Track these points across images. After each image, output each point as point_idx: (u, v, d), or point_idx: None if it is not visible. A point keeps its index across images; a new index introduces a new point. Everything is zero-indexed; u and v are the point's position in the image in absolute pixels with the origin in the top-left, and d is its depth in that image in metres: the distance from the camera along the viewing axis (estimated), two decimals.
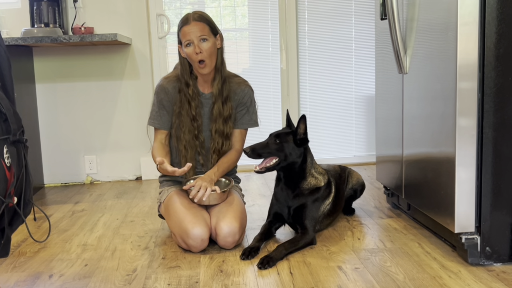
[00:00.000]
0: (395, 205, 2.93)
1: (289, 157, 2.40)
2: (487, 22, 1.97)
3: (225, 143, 2.52)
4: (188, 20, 2.39)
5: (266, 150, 2.39)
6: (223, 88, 2.48)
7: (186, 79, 2.47)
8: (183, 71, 2.47)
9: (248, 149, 2.38)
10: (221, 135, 2.51)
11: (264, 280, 2.04)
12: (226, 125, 2.51)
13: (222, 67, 2.49)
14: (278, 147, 2.39)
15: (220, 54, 2.47)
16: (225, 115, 2.50)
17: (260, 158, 2.39)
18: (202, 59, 2.37)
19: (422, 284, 1.96)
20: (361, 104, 4.24)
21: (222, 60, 2.48)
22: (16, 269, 2.26)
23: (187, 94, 2.47)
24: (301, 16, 4.11)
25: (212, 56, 2.41)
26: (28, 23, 3.70)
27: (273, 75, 4.17)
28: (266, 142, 2.41)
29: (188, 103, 2.47)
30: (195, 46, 2.36)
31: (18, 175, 1.48)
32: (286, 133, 2.43)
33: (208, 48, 2.37)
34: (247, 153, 2.38)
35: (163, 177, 2.65)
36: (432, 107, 2.23)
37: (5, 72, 1.56)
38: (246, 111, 2.58)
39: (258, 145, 2.40)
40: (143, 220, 2.94)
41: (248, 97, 2.57)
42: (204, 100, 2.52)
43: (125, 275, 2.15)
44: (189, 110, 2.47)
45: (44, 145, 3.92)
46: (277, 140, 2.40)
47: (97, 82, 3.91)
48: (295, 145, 2.41)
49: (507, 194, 2.06)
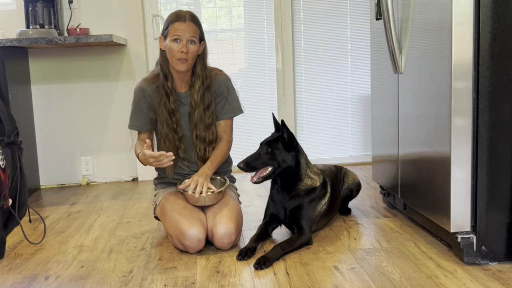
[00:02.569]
0: (391, 205, 2.94)
1: (282, 163, 2.40)
2: (481, 22, 1.97)
3: (207, 149, 2.52)
4: (184, 17, 2.38)
5: (259, 162, 2.38)
6: (205, 94, 2.48)
7: (166, 71, 2.46)
8: (164, 63, 2.46)
9: (242, 164, 2.38)
10: (203, 141, 2.51)
11: (261, 280, 2.04)
12: (208, 131, 2.51)
13: (204, 73, 2.48)
14: (270, 156, 2.39)
15: (201, 60, 2.46)
16: (207, 122, 2.50)
17: (255, 170, 2.39)
18: (186, 59, 2.37)
19: (418, 283, 1.96)
20: (357, 104, 4.24)
21: (203, 66, 2.48)
22: (12, 271, 2.26)
23: (165, 87, 2.46)
24: (297, 16, 4.12)
25: (193, 59, 2.42)
26: (23, 24, 3.69)
27: (269, 76, 4.17)
28: (258, 152, 2.41)
29: (166, 96, 2.46)
30: (183, 45, 2.36)
31: (13, 177, 1.48)
32: (275, 139, 2.41)
33: (194, 51, 2.39)
34: (242, 168, 2.37)
35: (158, 179, 2.65)
36: (427, 106, 2.23)
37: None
38: (226, 100, 2.55)
39: (251, 157, 2.40)
40: (139, 221, 2.93)
41: (224, 86, 2.54)
42: (181, 99, 2.51)
43: (121, 276, 2.15)
44: (167, 103, 2.46)
45: (40, 147, 3.91)
46: (268, 149, 2.39)
47: (92, 83, 3.91)
48: (286, 151, 2.41)
49: (502, 193, 2.06)
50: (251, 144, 3.01)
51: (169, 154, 2.25)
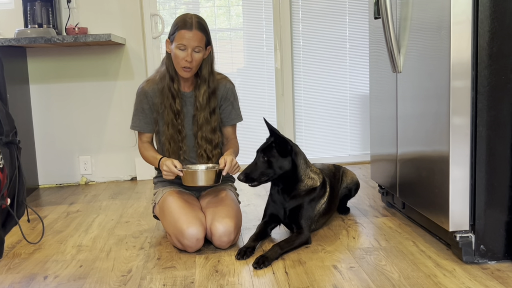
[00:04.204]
0: (390, 204, 2.94)
1: (278, 170, 2.39)
2: (480, 21, 1.97)
3: (214, 151, 2.53)
4: (191, 25, 2.37)
5: (258, 172, 2.37)
6: (211, 98, 2.49)
7: (172, 73, 2.46)
8: (169, 65, 2.47)
9: (242, 176, 2.37)
10: (209, 143, 2.52)
11: (260, 280, 2.04)
12: (214, 135, 2.52)
13: (210, 77, 2.49)
14: (267, 164, 2.38)
15: (207, 63, 2.47)
16: (213, 125, 2.51)
17: (255, 181, 2.39)
18: (190, 67, 2.38)
19: (417, 282, 1.96)
20: (356, 103, 4.24)
21: (210, 69, 2.49)
22: (11, 270, 2.25)
23: (172, 89, 2.46)
24: (295, 15, 4.11)
25: (198, 66, 2.43)
26: (22, 23, 3.69)
27: (268, 75, 4.16)
28: (255, 162, 2.40)
29: (172, 98, 2.47)
30: (188, 54, 2.36)
31: (11, 177, 1.47)
32: (269, 146, 2.40)
33: (198, 59, 2.40)
34: (242, 181, 2.37)
35: (158, 178, 2.65)
36: (426, 105, 2.23)
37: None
38: (232, 107, 2.58)
39: (249, 168, 2.39)
40: (138, 220, 2.93)
41: (231, 92, 2.57)
42: (185, 99, 2.52)
43: (120, 275, 2.15)
44: (173, 105, 2.47)
45: (39, 146, 3.91)
46: (264, 157, 2.38)
47: (91, 83, 3.90)
48: (281, 157, 2.39)
49: (501, 192, 2.06)
50: (248, 144, 3.02)
51: (180, 174, 2.36)
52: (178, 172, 2.35)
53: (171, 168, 2.35)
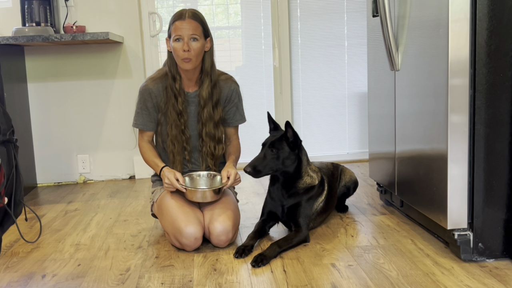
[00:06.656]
0: (388, 202, 2.94)
1: (286, 162, 2.39)
2: (478, 19, 1.97)
3: (217, 147, 2.53)
4: (182, 15, 2.37)
5: (265, 164, 2.36)
6: (213, 92, 2.48)
7: (173, 73, 2.46)
8: (171, 65, 2.46)
9: (249, 168, 2.35)
10: (213, 139, 2.52)
11: (258, 278, 2.04)
12: (217, 129, 2.52)
13: (212, 70, 2.48)
14: (276, 157, 2.37)
15: (209, 57, 2.46)
16: (216, 119, 2.51)
17: (261, 174, 2.37)
18: (189, 58, 2.36)
19: (415, 280, 1.96)
20: (354, 101, 4.24)
21: (212, 63, 2.48)
22: (9, 269, 2.25)
23: (174, 89, 2.46)
24: (294, 13, 4.11)
25: (199, 56, 2.40)
26: (19, 22, 3.67)
27: (266, 73, 4.16)
28: (263, 154, 2.39)
29: (175, 98, 2.46)
30: (184, 44, 2.35)
31: (9, 175, 1.47)
32: (279, 139, 2.39)
33: (196, 48, 2.37)
34: (249, 173, 2.35)
35: (156, 177, 2.64)
36: (424, 104, 2.23)
37: None
38: (236, 108, 2.59)
39: (257, 160, 2.37)
40: (136, 219, 2.93)
41: (236, 93, 2.57)
42: (189, 99, 2.51)
43: (118, 274, 2.14)
44: (175, 105, 2.46)
45: (37, 145, 3.90)
46: (273, 150, 2.37)
47: (89, 81, 3.90)
48: (290, 150, 2.40)
49: (499, 190, 2.06)
50: (247, 141, 3.02)
51: (182, 190, 2.37)
52: (180, 188, 2.35)
53: (173, 182, 2.35)
